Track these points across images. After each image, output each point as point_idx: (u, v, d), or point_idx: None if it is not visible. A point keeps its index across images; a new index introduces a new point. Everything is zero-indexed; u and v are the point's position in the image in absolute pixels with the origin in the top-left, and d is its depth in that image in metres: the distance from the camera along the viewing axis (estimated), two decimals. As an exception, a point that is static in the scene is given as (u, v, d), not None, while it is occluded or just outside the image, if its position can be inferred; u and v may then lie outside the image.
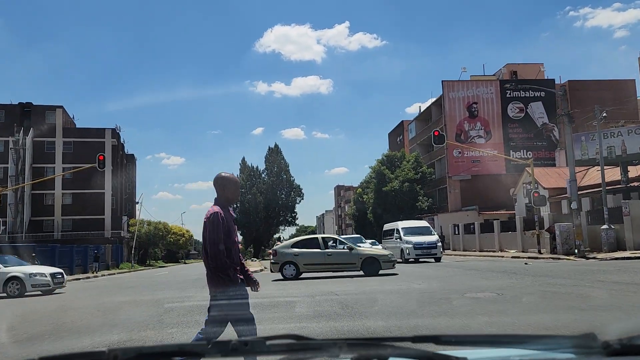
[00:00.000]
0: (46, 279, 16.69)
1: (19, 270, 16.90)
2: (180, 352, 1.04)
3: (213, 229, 4.07)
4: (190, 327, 8.76)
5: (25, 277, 16.44)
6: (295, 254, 17.29)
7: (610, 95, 40.21)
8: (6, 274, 16.51)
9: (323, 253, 17.21)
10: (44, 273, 16.93)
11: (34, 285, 16.43)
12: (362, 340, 1.13)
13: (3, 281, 16.29)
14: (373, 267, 16.79)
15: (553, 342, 1.20)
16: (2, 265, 16.92)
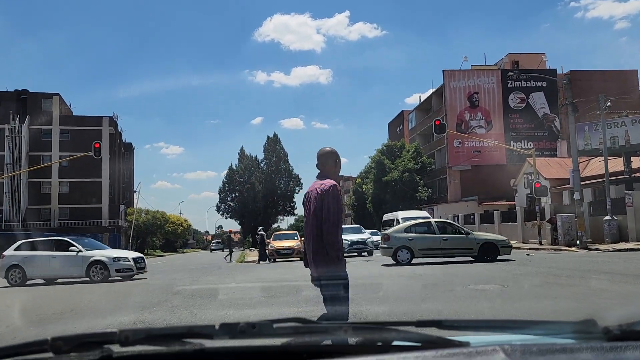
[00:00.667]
0: (129, 263, 15.64)
1: (101, 254, 15.93)
2: (189, 334, 1.04)
3: (335, 203, 3.83)
4: (199, 309, 9.36)
5: (109, 262, 15.42)
6: (410, 238, 16.68)
7: (613, 85, 39.76)
8: (89, 258, 15.48)
9: (438, 238, 16.64)
10: (127, 257, 15.91)
11: (117, 270, 15.37)
12: (366, 324, 1.15)
13: (86, 265, 15.31)
14: (491, 252, 16.16)
15: (554, 327, 1.25)
16: (83, 248, 15.85)
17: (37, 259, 15.64)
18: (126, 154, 67.93)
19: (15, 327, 7.88)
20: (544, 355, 0.96)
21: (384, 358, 0.96)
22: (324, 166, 4.08)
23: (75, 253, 15.49)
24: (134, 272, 15.73)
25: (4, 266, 15.66)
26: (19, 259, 15.66)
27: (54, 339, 0.98)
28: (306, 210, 4.00)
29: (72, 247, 15.70)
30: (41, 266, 15.55)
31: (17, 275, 15.47)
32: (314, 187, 3.96)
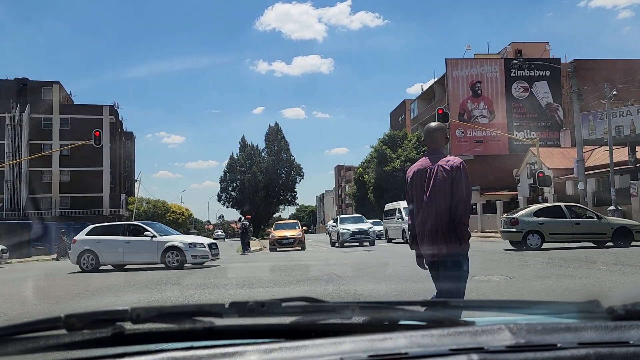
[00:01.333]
0: (205, 249, 14.97)
1: (176, 239, 15.34)
2: (200, 312, 1.06)
3: (467, 180, 3.72)
4: (207, 289, 10.10)
5: (185, 247, 14.76)
6: (540, 222, 16.23)
7: (618, 74, 39.34)
8: (164, 243, 14.85)
9: (570, 222, 16.18)
10: (202, 243, 15.21)
11: (194, 256, 14.78)
12: (374, 304, 1.15)
13: (161, 251, 14.73)
14: (625, 237, 15.69)
15: (559, 307, 1.26)
16: (157, 233, 15.27)
17: (110, 244, 15.13)
18: (127, 143, 67.69)
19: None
20: (549, 334, 0.96)
21: (390, 336, 0.96)
22: (436, 141, 3.93)
23: (149, 238, 14.93)
24: (209, 258, 15.07)
25: (76, 251, 15.25)
26: (92, 243, 15.18)
27: (67, 315, 0.99)
28: (419, 186, 3.85)
29: (147, 232, 15.13)
30: (114, 251, 15.08)
31: (89, 260, 15.05)
32: (436, 164, 3.77)
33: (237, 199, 64.46)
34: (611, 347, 0.93)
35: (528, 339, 0.95)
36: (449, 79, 48.07)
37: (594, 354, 0.90)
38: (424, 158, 3.95)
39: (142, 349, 0.98)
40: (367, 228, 25.27)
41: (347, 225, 25.71)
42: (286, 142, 66.76)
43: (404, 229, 25.64)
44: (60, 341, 0.99)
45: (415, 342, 0.95)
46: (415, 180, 3.88)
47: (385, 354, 0.91)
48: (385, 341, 0.95)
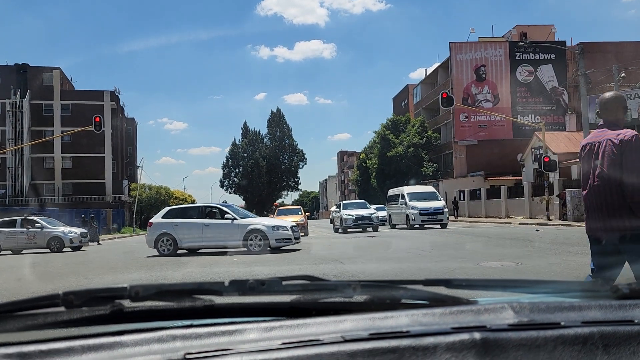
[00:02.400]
0: (288, 232, 14.11)
1: (259, 222, 14.66)
2: (199, 290, 1.06)
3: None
4: (207, 267, 10.19)
5: (269, 231, 13.96)
6: None
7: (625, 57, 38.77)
8: (246, 226, 14.09)
9: None
10: (285, 226, 14.37)
11: (277, 240, 13.95)
12: (375, 282, 1.14)
13: (243, 234, 14.01)
14: None
15: (562, 286, 1.27)
16: (237, 216, 14.55)
17: (189, 227, 14.51)
18: (129, 129, 67.44)
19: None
20: (552, 312, 0.97)
21: (392, 315, 0.97)
22: (612, 113, 3.67)
23: (230, 221, 14.23)
24: (292, 242, 14.28)
25: (153, 234, 14.67)
26: (169, 226, 14.56)
27: (65, 293, 0.99)
28: (587, 160, 3.68)
29: (227, 214, 14.42)
30: (193, 235, 14.47)
31: (167, 244, 14.48)
32: (606, 137, 3.54)
33: (240, 185, 64.33)
34: (615, 325, 0.92)
35: (531, 317, 0.94)
36: (453, 63, 47.53)
37: (598, 332, 0.90)
38: (597, 130, 3.73)
39: (141, 327, 0.96)
40: (370, 214, 25.07)
41: (350, 210, 25.50)
42: (289, 128, 66.46)
43: (407, 214, 25.42)
44: (58, 318, 0.98)
45: (417, 321, 0.95)
46: (585, 155, 3.73)
47: (387, 332, 0.90)
48: (386, 319, 0.95)
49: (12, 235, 20.34)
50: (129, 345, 0.89)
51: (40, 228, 20.17)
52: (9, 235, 20.28)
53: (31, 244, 20.06)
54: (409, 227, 24.93)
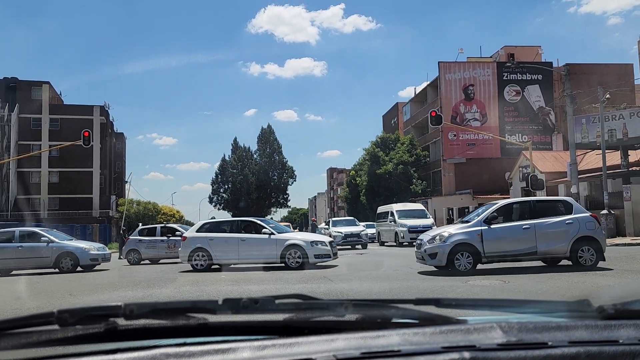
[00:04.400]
0: (327, 247, 13.66)
1: (297, 237, 14.28)
2: (193, 309, 1.07)
3: None
4: (204, 285, 10.21)
5: (307, 246, 13.52)
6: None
7: (609, 79, 39.50)
8: (284, 241, 13.67)
9: None
10: (324, 242, 13.91)
11: (316, 255, 13.50)
12: (366, 302, 1.16)
13: (281, 249, 13.56)
14: None
15: (549, 306, 1.30)
16: (275, 231, 14.13)
17: (224, 242, 14.13)
18: (118, 144, 67.07)
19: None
20: (540, 332, 0.98)
21: (383, 334, 0.98)
22: None
23: (267, 236, 13.84)
24: (331, 258, 13.81)
25: (187, 249, 14.33)
26: (204, 241, 14.23)
27: (60, 311, 1.00)
28: None
29: (264, 229, 14.05)
30: (229, 249, 14.04)
31: (201, 259, 14.13)
32: None
33: (229, 201, 64.04)
34: (601, 345, 0.94)
35: (519, 337, 0.95)
36: (442, 82, 48.07)
37: (584, 352, 0.91)
38: None
39: (135, 345, 0.97)
40: (359, 231, 25.07)
41: (340, 228, 25.50)
42: (279, 144, 66.46)
43: (396, 232, 25.45)
44: (52, 336, 0.99)
45: (408, 340, 0.95)
46: None
47: (378, 352, 0.91)
48: (378, 339, 0.95)
49: (153, 244, 19.41)
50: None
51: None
52: (149, 244, 19.42)
53: (171, 254, 18.68)
54: (398, 245, 24.95)
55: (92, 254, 16.37)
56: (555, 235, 10.64)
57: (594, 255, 10.60)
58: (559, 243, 10.60)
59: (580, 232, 10.62)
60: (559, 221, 10.75)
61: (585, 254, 10.62)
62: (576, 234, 10.60)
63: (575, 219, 10.76)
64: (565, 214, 10.93)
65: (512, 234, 10.70)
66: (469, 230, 10.86)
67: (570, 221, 10.73)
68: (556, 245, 10.62)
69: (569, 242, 10.56)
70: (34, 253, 15.93)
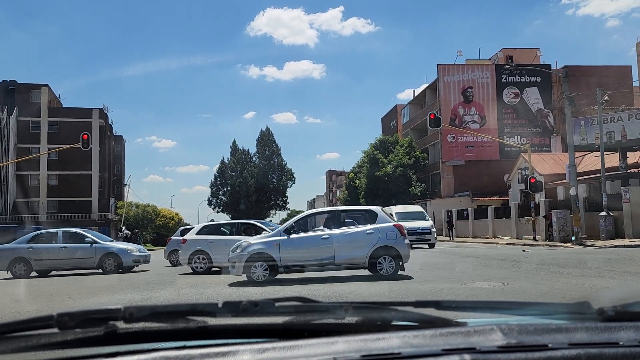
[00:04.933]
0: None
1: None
2: (193, 312, 1.07)
3: None
4: (203, 287, 10.38)
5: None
6: None
7: (608, 81, 39.60)
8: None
9: None
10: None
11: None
12: (366, 304, 1.16)
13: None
14: None
15: (549, 308, 1.30)
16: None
17: (224, 244, 13.84)
18: (117, 147, 67.06)
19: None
20: (540, 334, 0.98)
21: (383, 337, 0.98)
22: None
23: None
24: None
25: (187, 251, 14.28)
26: (203, 243, 14.23)
27: (59, 314, 1.00)
28: None
29: (264, 232, 13.80)
30: (228, 252, 14.25)
31: (201, 261, 14.13)
32: None
33: (228, 204, 64.01)
34: (601, 347, 0.93)
35: (519, 339, 0.95)
36: (441, 84, 48.13)
37: (585, 354, 0.91)
38: None
39: (135, 348, 0.97)
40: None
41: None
42: (277, 147, 66.46)
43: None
44: (52, 340, 0.98)
45: (408, 343, 0.95)
46: None
47: (378, 354, 0.90)
48: (378, 341, 0.96)
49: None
50: None
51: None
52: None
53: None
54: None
55: (134, 255, 16.19)
56: (355, 245, 10.69)
57: (393, 264, 10.68)
58: (358, 252, 10.63)
59: (380, 242, 10.66)
60: (359, 231, 10.84)
61: (384, 263, 10.65)
62: (376, 244, 10.64)
63: (377, 228, 10.81)
64: (370, 223, 10.98)
65: (311, 244, 10.73)
66: (267, 240, 10.90)
67: (371, 231, 10.77)
68: (355, 254, 10.67)
69: (368, 251, 10.61)
70: (78, 254, 15.79)
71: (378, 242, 10.67)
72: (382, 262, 10.65)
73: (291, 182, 66.63)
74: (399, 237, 10.83)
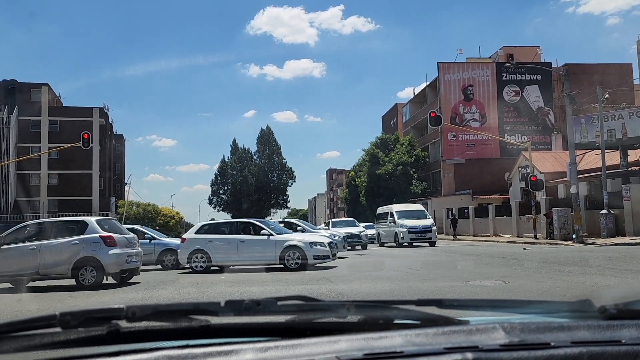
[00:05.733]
0: (326, 249, 13.46)
1: (296, 238, 14.05)
2: (195, 310, 1.07)
3: None
4: (204, 286, 10.39)
5: (306, 247, 13.43)
6: None
7: (609, 79, 39.54)
8: (283, 243, 13.56)
9: None
10: (323, 242, 13.82)
11: (315, 256, 13.46)
12: (368, 303, 1.17)
13: (280, 251, 13.40)
14: None
15: (551, 306, 1.30)
16: (274, 232, 13.89)
17: (223, 243, 14.15)
18: (117, 146, 67.05)
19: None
20: (542, 332, 0.98)
21: (385, 335, 0.98)
22: None
23: (266, 237, 13.73)
24: (330, 258, 13.73)
25: (186, 250, 14.28)
26: (202, 242, 14.23)
27: (62, 313, 1.00)
28: None
29: (263, 230, 14.01)
30: (228, 251, 14.06)
31: (201, 260, 14.07)
32: None
33: (229, 203, 64.03)
34: (603, 345, 0.94)
35: (522, 337, 0.95)
36: (441, 82, 48.10)
37: (587, 352, 0.91)
38: None
39: (138, 347, 0.97)
40: (359, 232, 25.06)
41: (339, 229, 25.48)
42: (278, 146, 66.45)
43: (396, 232, 25.45)
44: (55, 339, 0.98)
45: (410, 341, 0.95)
46: None
47: (381, 353, 0.90)
48: (380, 340, 0.96)
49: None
50: None
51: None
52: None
53: None
54: (398, 246, 24.94)
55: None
56: (58, 256, 10.87)
57: (95, 274, 10.93)
58: (62, 264, 10.85)
59: (84, 253, 10.90)
60: (65, 242, 11.01)
61: (87, 273, 10.91)
62: (79, 255, 10.87)
63: (82, 239, 11.01)
64: (80, 234, 11.17)
65: (20, 254, 10.94)
66: None
67: (76, 242, 10.98)
68: (58, 265, 10.90)
69: (71, 262, 10.84)
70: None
71: (81, 252, 10.96)
72: (84, 273, 10.98)
73: (292, 181, 66.64)
74: (103, 248, 11.01)
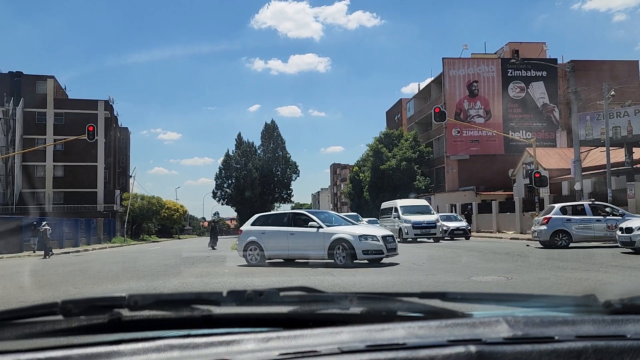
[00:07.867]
0: (379, 243, 12.34)
1: (345, 230, 12.99)
2: (197, 300, 1.07)
3: None
4: (208, 278, 10.43)
5: (355, 241, 12.26)
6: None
7: (615, 75, 39.31)
8: (330, 236, 12.69)
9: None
10: (375, 236, 12.68)
11: (364, 251, 12.35)
12: (371, 294, 1.16)
13: (328, 245, 12.62)
14: None
15: (556, 300, 1.29)
16: (324, 223, 13.14)
17: (274, 235, 13.42)
18: (122, 139, 67.20)
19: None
20: (546, 326, 0.98)
21: (387, 327, 0.97)
22: None
23: (315, 229, 12.84)
24: (383, 254, 12.41)
25: (242, 242, 13.82)
26: (257, 234, 13.59)
27: (64, 302, 1.00)
28: None
29: (312, 221, 13.09)
30: (279, 244, 13.30)
31: (254, 253, 13.50)
32: None
33: (233, 196, 64.13)
34: (608, 340, 0.93)
35: (525, 331, 0.95)
36: (446, 78, 47.92)
37: (592, 347, 0.90)
38: None
39: (139, 336, 0.97)
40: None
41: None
42: (282, 140, 66.41)
43: (400, 227, 25.44)
44: (56, 327, 0.99)
45: (413, 333, 0.95)
46: None
47: (383, 344, 0.90)
48: (383, 332, 0.95)
49: (587, 224, 17.00)
50: (126, 355, 0.89)
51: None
52: (581, 222, 17.06)
53: (608, 236, 16.58)
54: (402, 241, 24.93)
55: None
56: None
57: None
58: None
59: None
60: None
61: None
62: None
63: None
64: None
65: None
66: None
67: None
68: None
69: None
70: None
71: None
72: None
73: (295, 175, 66.63)
74: None
